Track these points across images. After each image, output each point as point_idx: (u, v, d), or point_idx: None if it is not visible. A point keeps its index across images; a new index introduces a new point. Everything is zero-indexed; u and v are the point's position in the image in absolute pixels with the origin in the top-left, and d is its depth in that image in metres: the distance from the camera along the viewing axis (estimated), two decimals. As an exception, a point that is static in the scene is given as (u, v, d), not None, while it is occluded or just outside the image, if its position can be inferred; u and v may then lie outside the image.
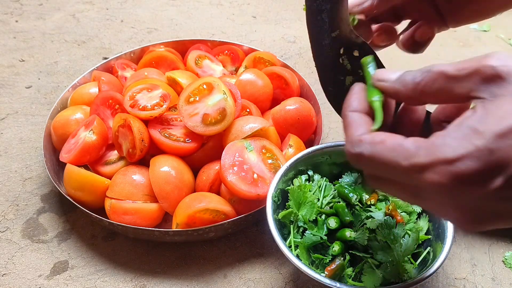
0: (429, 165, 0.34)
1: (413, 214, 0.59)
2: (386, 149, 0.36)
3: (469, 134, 0.33)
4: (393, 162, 0.36)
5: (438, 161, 0.33)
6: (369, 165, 0.39)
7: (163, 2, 1.28)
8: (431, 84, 0.37)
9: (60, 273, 0.66)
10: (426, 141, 0.35)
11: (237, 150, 0.67)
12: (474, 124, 0.33)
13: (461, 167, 0.32)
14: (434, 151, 0.34)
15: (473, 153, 0.32)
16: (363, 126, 0.41)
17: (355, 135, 0.40)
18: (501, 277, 0.65)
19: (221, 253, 0.68)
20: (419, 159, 0.34)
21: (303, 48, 1.10)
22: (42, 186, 0.78)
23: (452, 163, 0.32)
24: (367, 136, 0.39)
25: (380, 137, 0.38)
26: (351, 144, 0.40)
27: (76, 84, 0.88)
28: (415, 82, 0.38)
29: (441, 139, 0.34)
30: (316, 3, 0.49)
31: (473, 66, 0.34)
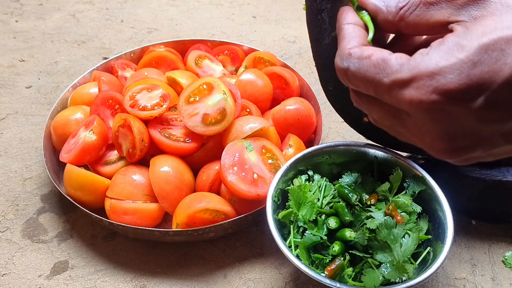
0: (410, 80, 0.33)
1: (413, 214, 0.59)
2: (371, 65, 0.36)
3: (452, 48, 0.32)
4: (376, 79, 0.35)
5: (419, 75, 0.32)
6: (354, 80, 0.38)
7: (163, 2, 1.28)
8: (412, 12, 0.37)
9: (60, 273, 0.66)
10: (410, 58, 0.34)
11: (237, 150, 0.67)
12: (458, 39, 0.32)
13: (442, 81, 0.31)
14: (416, 66, 0.33)
15: (456, 65, 0.31)
16: (356, 39, 0.39)
17: (346, 48, 0.39)
18: (501, 277, 0.65)
19: (221, 253, 0.68)
20: (401, 75, 0.33)
21: (303, 48, 1.10)
22: (42, 186, 0.78)
23: (433, 77, 0.32)
24: (357, 49, 0.38)
25: (368, 51, 0.37)
26: (340, 57, 0.39)
27: (76, 84, 0.88)
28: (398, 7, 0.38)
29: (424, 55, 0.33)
30: (316, 3, 0.49)
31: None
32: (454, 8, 0.34)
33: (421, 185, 0.60)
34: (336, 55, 0.40)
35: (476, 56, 0.30)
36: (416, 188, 0.60)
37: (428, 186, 0.60)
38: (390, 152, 0.63)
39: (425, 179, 0.60)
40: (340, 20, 0.43)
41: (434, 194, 0.59)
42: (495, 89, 0.30)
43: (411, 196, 0.60)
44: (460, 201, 0.64)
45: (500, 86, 0.30)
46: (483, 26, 0.31)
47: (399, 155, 0.63)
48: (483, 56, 0.30)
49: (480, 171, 0.64)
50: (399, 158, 0.63)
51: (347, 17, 0.42)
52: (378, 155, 0.64)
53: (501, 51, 0.30)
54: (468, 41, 0.31)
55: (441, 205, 0.58)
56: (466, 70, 0.30)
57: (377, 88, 0.36)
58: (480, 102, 0.31)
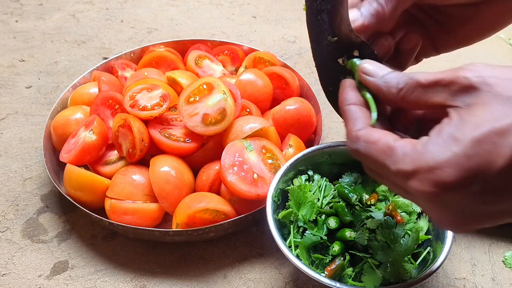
0: (412, 173, 0.36)
1: (413, 214, 0.59)
2: (378, 151, 0.39)
3: (448, 141, 0.34)
4: (383, 164, 0.38)
5: (420, 169, 0.35)
6: (365, 160, 0.41)
7: (163, 2, 1.28)
8: (411, 93, 0.39)
9: (60, 273, 0.66)
10: (412, 148, 0.36)
11: (237, 150, 0.67)
12: (452, 131, 0.34)
13: (441, 175, 0.34)
14: (417, 159, 0.35)
15: (452, 160, 0.33)
16: (361, 120, 0.42)
17: (353, 130, 0.42)
18: (501, 277, 0.65)
19: (221, 253, 0.68)
20: (404, 166, 0.36)
21: (303, 48, 1.10)
22: (42, 186, 0.78)
23: (433, 171, 0.34)
24: (363, 133, 0.41)
25: (374, 136, 0.40)
26: (349, 140, 0.42)
27: (76, 84, 0.88)
28: (398, 88, 0.40)
29: (424, 147, 0.36)
30: (316, 3, 0.49)
31: (449, 77, 0.36)
32: (449, 93, 0.36)
33: (421, 185, 0.60)
34: (345, 135, 0.43)
35: (470, 149, 0.33)
36: (416, 188, 0.60)
37: (428, 186, 0.60)
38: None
39: (425, 179, 0.60)
40: (342, 100, 0.45)
41: (434, 194, 0.59)
42: (490, 179, 0.32)
43: (411, 196, 0.60)
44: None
45: (494, 175, 0.32)
46: (475, 117, 0.33)
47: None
48: (476, 149, 0.32)
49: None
50: (399, 158, 0.62)
51: (349, 97, 0.44)
52: (378, 155, 0.64)
53: (493, 144, 0.32)
54: (462, 134, 0.33)
55: (441, 205, 0.57)
56: (461, 164, 0.33)
57: (384, 171, 0.39)
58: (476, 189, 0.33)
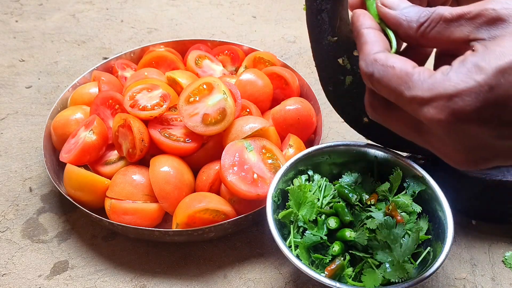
0: (429, 99, 0.34)
1: (413, 214, 0.59)
2: (395, 76, 0.37)
3: (471, 70, 0.33)
4: (398, 90, 0.36)
5: (438, 96, 0.34)
6: (378, 86, 0.39)
7: (163, 2, 1.28)
8: (433, 28, 0.37)
9: (60, 273, 0.66)
10: (431, 75, 0.35)
11: (237, 150, 0.67)
12: (477, 60, 0.33)
13: (460, 104, 0.32)
14: (436, 86, 0.34)
15: (473, 88, 0.32)
16: (379, 44, 0.40)
17: (371, 53, 0.40)
18: (501, 277, 0.65)
19: (221, 253, 0.68)
20: (421, 93, 0.35)
21: (303, 48, 1.10)
22: (42, 186, 0.78)
23: (451, 99, 0.33)
24: (382, 55, 0.39)
25: (393, 60, 0.38)
26: (365, 62, 0.40)
27: (76, 84, 0.88)
28: (419, 23, 0.38)
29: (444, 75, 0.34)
30: (316, 3, 0.49)
31: (476, 9, 0.35)
32: (474, 26, 0.35)
33: (421, 185, 0.60)
34: (360, 58, 0.41)
35: (494, 79, 0.31)
36: (416, 188, 0.60)
37: (428, 186, 0.60)
38: (390, 152, 0.63)
39: (425, 179, 0.60)
40: (357, 24, 0.43)
41: (434, 194, 0.59)
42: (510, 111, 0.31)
43: (411, 196, 0.60)
44: (460, 201, 0.64)
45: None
46: (501, 47, 0.32)
47: (399, 155, 0.63)
48: (500, 80, 0.31)
49: (480, 171, 0.64)
50: (399, 158, 0.63)
51: (365, 21, 0.42)
52: (378, 155, 0.64)
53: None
54: (486, 63, 0.32)
55: (441, 205, 0.58)
56: (483, 94, 0.32)
57: (398, 98, 0.37)
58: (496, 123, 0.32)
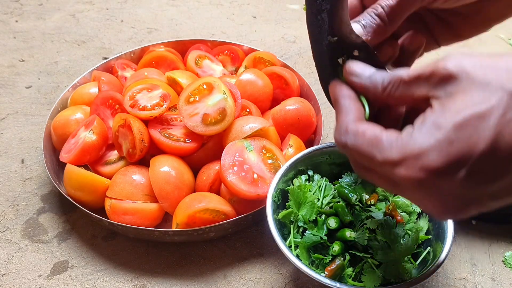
0: (399, 161, 0.36)
1: (413, 214, 0.59)
2: (365, 142, 0.39)
3: (431, 128, 0.35)
4: (370, 155, 0.39)
5: (406, 156, 0.36)
6: (352, 154, 0.42)
7: (163, 2, 1.28)
8: (396, 89, 0.40)
9: (60, 273, 0.66)
10: (397, 137, 0.37)
11: (237, 150, 0.67)
12: (434, 119, 0.35)
13: (426, 160, 0.34)
14: (403, 147, 0.36)
15: (435, 145, 0.34)
16: (351, 113, 0.43)
17: (343, 123, 0.42)
18: (501, 277, 0.65)
19: (221, 253, 0.68)
20: (391, 155, 0.37)
21: (303, 48, 1.10)
22: (42, 186, 0.78)
23: (419, 157, 0.35)
24: (353, 126, 0.41)
25: (362, 128, 0.40)
26: (338, 132, 0.43)
27: (76, 84, 0.88)
28: (383, 86, 0.41)
29: (409, 136, 0.36)
30: (316, 3, 0.49)
31: (430, 70, 0.37)
32: (430, 85, 0.37)
33: (421, 185, 0.60)
34: (335, 129, 0.44)
35: (452, 135, 0.33)
36: (416, 188, 0.60)
37: (428, 186, 0.60)
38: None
39: (425, 179, 0.60)
40: (335, 92, 0.46)
41: (434, 194, 0.59)
42: (474, 162, 0.33)
43: (411, 196, 0.60)
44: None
45: (477, 159, 0.33)
46: (455, 103, 0.34)
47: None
48: (458, 134, 0.33)
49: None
50: (399, 158, 0.62)
51: (342, 90, 0.45)
52: (378, 155, 0.64)
53: (474, 128, 0.33)
54: (444, 121, 0.34)
55: (441, 205, 0.57)
56: (445, 149, 0.34)
57: (371, 162, 0.39)
58: (462, 174, 0.34)
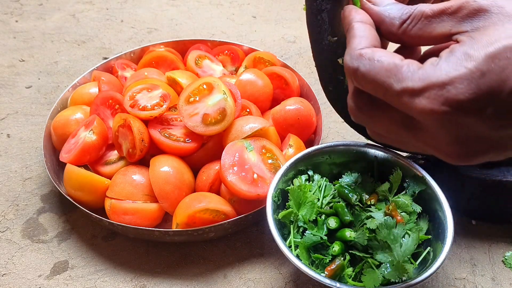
0: (421, 89, 0.33)
1: (413, 214, 0.59)
2: (382, 69, 0.36)
3: (461, 58, 0.32)
4: (386, 83, 0.35)
5: (430, 85, 0.33)
6: (364, 81, 0.38)
7: (163, 2, 1.28)
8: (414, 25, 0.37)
9: (60, 273, 0.66)
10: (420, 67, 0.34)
11: (237, 150, 0.67)
12: (465, 49, 0.32)
13: (453, 92, 0.32)
14: (428, 76, 0.33)
15: (465, 75, 0.31)
16: (367, 39, 0.39)
17: (357, 48, 0.39)
18: (501, 277, 0.65)
19: (221, 253, 0.68)
20: (412, 83, 0.34)
21: (303, 48, 1.10)
22: (42, 186, 0.78)
23: (444, 87, 0.32)
24: (368, 50, 0.38)
25: (380, 54, 0.37)
26: (350, 56, 0.39)
27: (76, 84, 0.88)
28: (401, 20, 0.38)
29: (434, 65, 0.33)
30: (316, 3, 0.49)
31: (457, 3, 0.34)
32: (456, 20, 0.35)
33: (421, 185, 0.60)
34: (345, 53, 0.40)
35: (484, 65, 0.31)
36: (416, 188, 0.60)
37: (428, 186, 0.60)
38: (390, 152, 0.63)
39: (425, 179, 0.60)
40: (349, 17, 0.42)
41: (434, 194, 0.59)
42: (504, 98, 0.31)
43: (411, 196, 0.60)
44: (460, 201, 0.64)
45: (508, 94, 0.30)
46: (487, 35, 0.32)
47: (399, 155, 0.63)
48: (491, 65, 0.31)
49: (480, 171, 0.64)
50: (399, 158, 0.63)
51: (356, 15, 0.42)
52: (378, 155, 0.64)
53: (508, 59, 0.30)
54: (475, 51, 0.32)
55: (441, 205, 0.58)
56: (475, 80, 0.31)
57: (386, 92, 0.36)
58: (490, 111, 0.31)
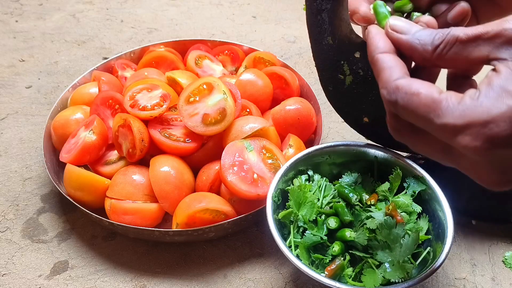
0: (463, 127, 0.33)
1: (413, 214, 0.59)
2: (421, 103, 0.36)
3: (501, 94, 0.32)
4: (427, 118, 0.35)
5: (472, 123, 0.33)
6: (403, 112, 0.38)
7: (163, 2, 1.28)
8: (449, 49, 0.37)
9: (60, 273, 0.66)
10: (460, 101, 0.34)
11: (237, 150, 0.67)
12: (504, 84, 0.32)
13: (495, 130, 0.32)
14: (468, 113, 0.33)
15: (506, 113, 0.32)
16: (398, 69, 0.39)
17: (391, 80, 0.39)
18: (501, 277, 0.65)
19: (221, 253, 0.68)
20: (453, 120, 0.34)
21: (303, 48, 1.10)
22: (42, 186, 0.78)
23: (487, 126, 0.32)
24: (404, 82, 0.38)
25: (416, 86, 0.37)
26: (387, 90, 0.39)
27: (76, 84, 0.87)
28: (434, 45, 0.38)
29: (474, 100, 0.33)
30: (316, 3, 0.49)
31: (494, 29, 0.34)
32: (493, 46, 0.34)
33: (421, 185, 0.60)
34: (380, 87, 0.40)
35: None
36: (416, 188, 0.60)
37: (428, 186, 0.60)
38: (390, 152, 0.63)
39: (425, 179, 0.60)
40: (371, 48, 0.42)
41: (434, 194, 0.59)
42: None
43: (411, 196, 0.60)
44: (460, 201, 0.64)
45: None
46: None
47: (399, 155, 0.63)
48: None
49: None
50: (399, 158, 0.63)
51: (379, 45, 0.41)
52: (378, 155, 0.64)
53: None
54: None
55: (441, 205, 0.58)
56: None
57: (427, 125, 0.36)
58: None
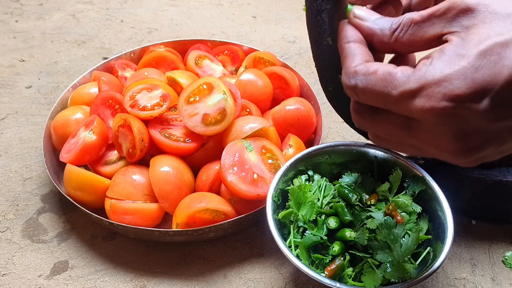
0: (418, 89, 0.35)
1: (413, 214, 0.59)
2: (378, 80, 0.38)
3: (453, 57, 0.34)
4: (384, 92, 0.37)
5: (427, 84, 0.35)
6: (363, 96, 0.40)
7: (163, 2, 1.28)
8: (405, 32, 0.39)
9: (60, 273, 0.66)
10: (414, 70, 0.36)
11: (237, 150, 0.67)
12: (456, 49, 0.34)
13: (449, 87, 0.33)
14: (422, 76, 0.35)
15: (460, 71, 0.33)
16: (359, 56, 0.41)
17: (351, 66, 0.41)
18: (501, 277, 0.65)
19: (221, 253, 0.68)
20: (409, 86, 0.35)
21: (303, 48, 1.10)
22: (42, 186, 0.78)
23: (441, 84, 0.34)
24: (362, 66, 0.40)
25: (373, 67, 0.39)
26: (347, 76, 0.41)
27: (76, 84, 0.88)
28: (392, 29, 0.40)
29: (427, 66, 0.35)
30: (316, 3, 0.49)
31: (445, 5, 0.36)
32: (445, 21, 0.36)
33: (421, 185, 0.60)
34: (342, 73, 0.42)
35: (477, 61, 0.33)
36: (416, 188, 0.60)
37: (428, 186, 0.60)
38: (390, 152, 0.63)
39: (425, 179, 0.60)
40: (341, 38, 0.44)
41: (434, 194, 0.59)
42: (498, 90, 0.32)
43: (411, 196, 0.60)
44: (460, 201, 0.64)
45: (502, 86, 0.32)
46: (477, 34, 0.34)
47: (399, 155, 0.63)
48: (483, 61, 0.33)
49: (481, 172, 0.64)
50: (399, 158, 0.63)
51: (347, 34, 0.44)
52: (378, 155, 0.64)
53: (498, 55, 0.32)
54: (466, 50, 0.34)
55: (441, 205, 0.58)
56: (470, 75, 0.33)
57: (386, 100, 0.38)
58: (486, 103, 0.33)
